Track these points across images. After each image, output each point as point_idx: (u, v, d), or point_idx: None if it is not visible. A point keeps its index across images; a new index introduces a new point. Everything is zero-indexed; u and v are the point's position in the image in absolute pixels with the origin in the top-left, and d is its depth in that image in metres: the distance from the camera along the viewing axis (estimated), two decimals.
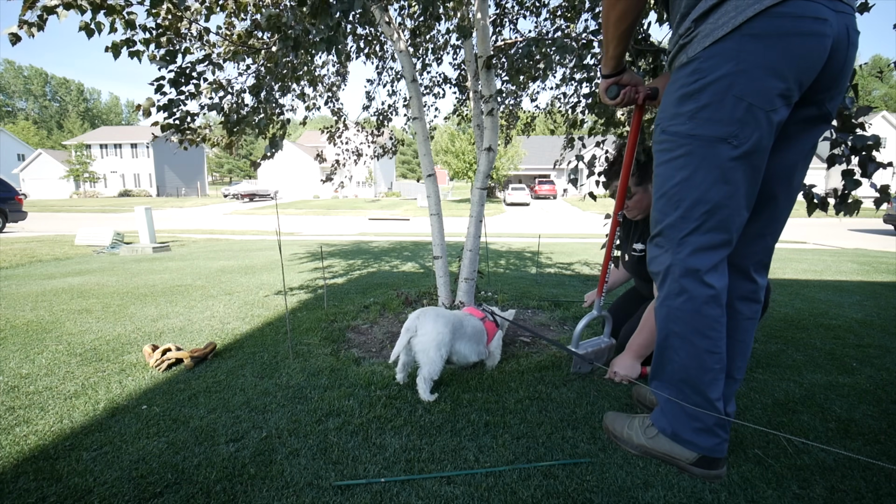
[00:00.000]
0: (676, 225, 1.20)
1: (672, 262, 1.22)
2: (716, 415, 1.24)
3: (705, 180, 1.13)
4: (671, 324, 1.26)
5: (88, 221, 16.17)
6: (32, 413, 1.67)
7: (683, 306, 1.22)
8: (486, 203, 2.94)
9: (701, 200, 1.14)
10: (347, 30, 1.96)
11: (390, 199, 35.63)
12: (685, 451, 1.29)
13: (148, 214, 7.82)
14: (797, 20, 1.00)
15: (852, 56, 1.09)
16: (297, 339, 2.45)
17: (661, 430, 1.33)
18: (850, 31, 1.06)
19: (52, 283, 4.26)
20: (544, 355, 2.22)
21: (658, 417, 1.35)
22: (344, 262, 5.73)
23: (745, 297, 1.30)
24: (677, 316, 1.24)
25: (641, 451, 1.38)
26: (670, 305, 1.25)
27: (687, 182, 1.16)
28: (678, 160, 1.17)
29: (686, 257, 1.19)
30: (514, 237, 10.98)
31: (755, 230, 1.26)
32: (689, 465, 1.28)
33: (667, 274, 1.24)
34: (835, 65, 1.07)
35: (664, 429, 1.32)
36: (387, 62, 4.20)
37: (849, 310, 3.15)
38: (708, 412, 1.24)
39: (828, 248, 8.67)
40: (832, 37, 1.02)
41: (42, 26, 1.82)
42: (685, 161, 1.15)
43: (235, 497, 1.20)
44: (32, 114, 73.50)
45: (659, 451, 1.34)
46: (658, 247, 1.27)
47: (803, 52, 1.02)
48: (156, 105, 2.33)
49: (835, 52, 1.05)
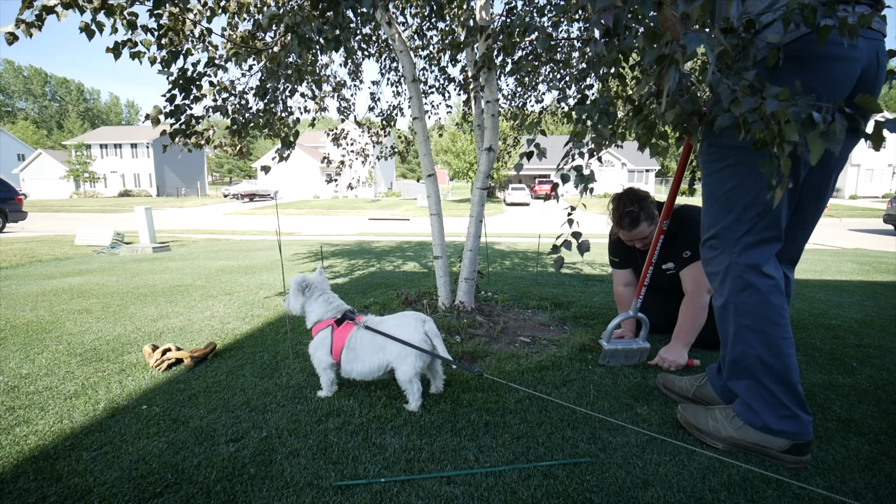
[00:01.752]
0: (731, 227, 1.33)
1: (731, 260, 1.33)
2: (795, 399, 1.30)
3: (755, 186, 1.26)
4: (741, 318, 1.34)
5: (88, 221, 16.16)
6: (32, 413, 1.67)
7: (751, 299, 1.31)
8: (486, 203, 2.95)
9: (752, 204, 1.28)
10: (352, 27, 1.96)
11: (390, 199, 35.63)
12: (777, 440, 1.32)
13: (148, 214, 7.82)
14: (830, 45, 1.11)
15: (882, 77, 1.21)
16: (297, 339, 2.45)
17: (751, 424, 1.36)
18: (879, 55, 1.18)
19: (52, 283, 4.26)
20: (544, 355, 2.22)
21: (744, 411, 1.38)
22: (344, 262, 5.73)
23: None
24: (746, 309, 1.33)
25: (729, 443, 1.39)
26: (737, 301, 1.34)
27: (738, 188, 1.29)
28: (728, 169, 1.30)
29: (745, 255, 1.31)
30: (515, 237, 10.97)
31: (790, 232, 1.40)
32: (780, 454, 1.32)
33: (727, 272, 1.35)
34: (865, 85, 1.19)
35: (754, 423, 1.35)
36: (391, 63, 4.21)
37: (849, 310, 3.15)
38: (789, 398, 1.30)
39: (828, 248, 8.67)
40: (862, 60, 1.15)
41: (40, 26, 1.81)
42: (734, 170, 1.29)
43: (235, 497, 1.20)
44: (32, 114, 73.51)
45: (748, 442, 1.36)
46: (713, 248, 1.39)
47: (836, 72, 1.14)
48: (163, 112, 2.33)
49: (865, 73, 1.17)
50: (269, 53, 2.61)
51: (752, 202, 1.28)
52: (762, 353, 1.31)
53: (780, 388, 1.31)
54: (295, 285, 1.82)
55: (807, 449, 1.31)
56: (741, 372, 1.37)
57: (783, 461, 1.32)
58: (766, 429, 1.33)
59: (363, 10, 1.67)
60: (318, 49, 2.31)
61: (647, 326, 2.09)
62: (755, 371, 1.33)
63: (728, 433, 1.39)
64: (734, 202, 1.31)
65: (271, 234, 11.72)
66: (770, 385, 1.31)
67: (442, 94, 4.29)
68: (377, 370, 1.70)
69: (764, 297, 1.30)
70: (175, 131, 2.47)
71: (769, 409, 1.33)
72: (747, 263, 1.31)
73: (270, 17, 1.89)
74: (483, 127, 2.92)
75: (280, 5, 2.90)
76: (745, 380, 1.37)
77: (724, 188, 1.32)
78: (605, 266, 5.35)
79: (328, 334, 1.77)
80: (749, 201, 1.28)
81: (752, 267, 1.31)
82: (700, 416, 1.47)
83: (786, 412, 1.31)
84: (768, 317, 1.30)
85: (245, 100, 2.70)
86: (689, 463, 1.34)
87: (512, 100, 4.27)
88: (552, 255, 1.39)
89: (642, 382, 1.90)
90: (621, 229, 2.23)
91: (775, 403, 1.31)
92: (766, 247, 1.31)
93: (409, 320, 1.71)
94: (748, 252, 1.31)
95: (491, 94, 2.80)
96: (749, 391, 1.37)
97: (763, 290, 1.30)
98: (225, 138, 2.92)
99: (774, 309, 1.30)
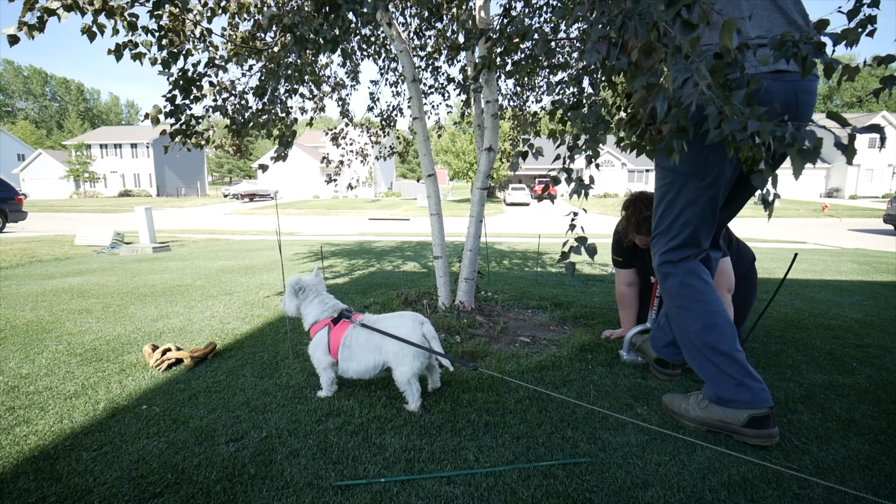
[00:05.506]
0: (664, 232, 1.61)
1: (660, 259, 1.63)
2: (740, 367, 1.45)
3: (681, 202, 1.53)
4: (672, 301, 1.61)
5: (88, 221, 16.17)
6: (32, 413, 1.67)
7: (673, 283, 1.59)
8: (486, 203, 2.95)
9: (678, 217, 1.55)
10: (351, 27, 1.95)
11: (390, 199, 35.62)
12: (735, 413, 1.45)
13: (148, 214, 7.82)
14: None
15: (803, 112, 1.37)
16: (297, 339, 2.45)
17: (709, 398, 1.52)
18: (798, 94, 1.35)
19: (52, 283, 4.26)
20: (544, 355, 2.22)
21: (705, 389, 1.55)
22: (344, 262, 5.73)
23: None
24: (673, 293, 1.60)
25: (699, 422, 1.53)
26: (666, 289, 1.63)
27: (670, 203, 1.56)
28: (665, 186, 1.57)
29: (668, 253, 1.60)
30: (515, 237, 10.98)
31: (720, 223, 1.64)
32: (742, 429, 1.43)
33: (659, 267, 1.64)
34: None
35: (710, 396, 1.51)
36: (390, 63, 4.21)
37: (849, 310, 3.15)
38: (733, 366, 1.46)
39: (828, 248, 8.67)
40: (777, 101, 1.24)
41: (42, 28, 1.81)
42: (668, 188, 1.56)
43: (235, 497, 1.20)
44: (32, 114, 73.49)
45: (713, 419, 1.49)
46: (654, 246, 1.67)
47: None
48: (163, 112, 2.33)
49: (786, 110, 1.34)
50: (269, 53, 2.61)
51: (679, 215, 1.54)
52: (697, 330, 1.52)
53: (721, 358, 1.47)
54: (290, 287, 1.83)
55: (767, 422, 1.40)
56: (690, 350, 1.58)
57: (746, 437, 1.42)
58: (720, 400, 1.48)
59: (364, 11, 1.67)
60: (317, 49, 2.31)
61: None
62: (698, 346, 1.52)
63: (696, 413, 1.54)
64: (668, 212, 1.58)
65: (271, 234, 11.72)
66: (713, 357, 1.49)
67: (442, 94, 4.29)
68: (373, 369, 1.70)
69: (682, 281, 1.56)
70: (175, 131, 2.47)
71: (719, 380, 1.48)
72: (668, 259, 1.60)
73: (270, 17, 1.89)
74: (483, 127, 2.92)
75: (280, 5, 2.90)
76: (695, 357, 1.55)
77: (664, 201, 1.58)
78: (605, 266, 5.35)
79: (325, 334, 1.77)
80: (676, 214, 1.55)
81: (672, 263, 1.59)
82: (676, 401, 1.63)
83: (735, 381, 1.44)
84: (689, 295, 1.55)
85: (245, 100, 2.70)
86: (689, 463, 1.34)
87: (511, 100, 4.27)
88: (562, 262, 1.41)
89: (642, 383, 1.90)
90: (638, 235, 2.22)
91: (722, 374, 1.47)
92: (685, 249, 1.58)
93: (407, 321, 1.71)
94: (671, 252, 1.59)
95: (491, 95, 2.80)
96: (702, 368, 1.55)
97: (679, 275, 1.57)
98: (225, 138, 2.92)
99: (692, 289, 1.54)
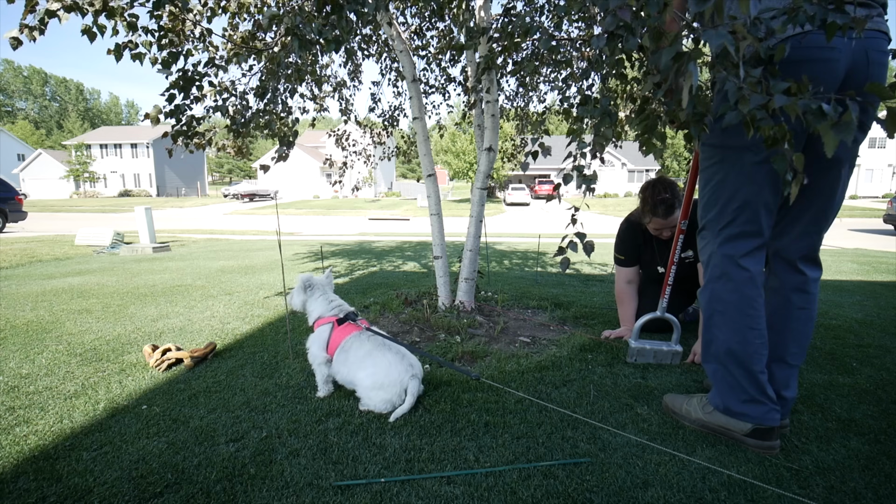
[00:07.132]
0: (716, 219, 1.42)
1: (713, 250, 1.44)
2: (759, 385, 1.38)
3: (736, 182, 1.34)
4: (714, 304, 1.45)
5: (88, 221, 16.16)
6: (32, 413, 1.67)
7: (724, 287, 1.41)
8: (486, 203, 2.95)
9: (732, 198, 1.36)
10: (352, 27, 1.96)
11: (390, 199, 35.61)
12: (739, 423, 1.42)
13: (148, 214, 7.82)
14: (805, 49, 1.19)
15: (875, 73, 1.23)
16: (297, 339, 2.45)
17: (715, 406, 1.48)
18: (868, 52, 1.22)
19: (52, 283, 4.26)
20: (544, 355, 2.22)
21: (712, 396, 1.50)
22: (344, 262, 5.73)
23: (797, 288, 1.46)
24: (719, 297, 1.43)
25: (699, 425, 1.51)
26: (713, 288, 1.45)
27: (721, 184, 1.38)
28: (714, 167, 1.39)
29: (725, 246, 1.40)
30: (515, 237, 10.98)
31: (800, 229, 1.42)
32: (744, 437, 1.41)
33: (709, 261, 1.46)
34: (855, 82, 1.22)
35: (717, 405, 1.47)
36: (391, 63, 4.20)
37: (849, 310, 3.15)
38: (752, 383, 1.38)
39: (828, 248, 8.67)
40: (842, 60, 1.20)
41: (43, 30, 1.81)
42: (719, 167, 1.38)
43: (235, 497, 1.20)
44: (32, 114, 73.48)
45: (715, 424, 1.47)
46: (702, 238, 1.50)
47: (813, 74, 1.18)
48: (163, 112, 2.33)
49: (852, 72, 1.22)
50: (269, 53, 2.61)
51: (732, 197, 1.36)
52: (729, 339, 1.41)
53: (742, 373, 1.39)
54: (300, 282, 1.90)
55: (770, 435, 1.38)
56: (711, 355, 1.48)
57: (746, 444, 1.41)
58: (728, 411, 1.44)
59: (365, 12, 1.67)
60: (318, 50, 2.31)
61: (678, 330, 2.08)
62: (721, 355, 1.43)
63: (698, 416, 1.51)
64: (718, 196, 1.40)
65: (271, 234, 11.72)
66: (733, 370, 1.41)
67: (442, 94, 4.29)
68: (350, 385, 1.73)
69: (736, 287, 1.39)
70: (177, 132, 2.47)
71: (731, 392, 1.43)
72: (725, 254, 1.40)
73: (270, 17, 1.89)
74: (483, 127, 2.92)
75: (280, 5, 2.90)
76: (714, 363, 1.47)
77: (711, 183, 1.41)
78: (605, 266, 5.35)
79: (327, 330, 1.79)
80: (730, 196, 1.36)
81: (729, 257, 1.40)
82: (677, 401, 1.61)
83: (747, 396, 1.40)
84: (738, 306, 1.39)
85: (245, 100, 2.70)
86: (689, 463, 1.34)
87: (514, 100, 4.27)
88: (558, 256, 1.40)
89: (642, 383, 1.90)
90: (655, 217, 2.20)
91: (737, 388, 1.41)
92: (744, 240, 1.38)
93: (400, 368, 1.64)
94: (728, 243, 1.40)
95: (491, 94, 2.80)
96: (715, 374, 1.47)
97: (736, 280, 1.39)
98: (227, 139, 2.92)
99: (745, 299, 1.38)
